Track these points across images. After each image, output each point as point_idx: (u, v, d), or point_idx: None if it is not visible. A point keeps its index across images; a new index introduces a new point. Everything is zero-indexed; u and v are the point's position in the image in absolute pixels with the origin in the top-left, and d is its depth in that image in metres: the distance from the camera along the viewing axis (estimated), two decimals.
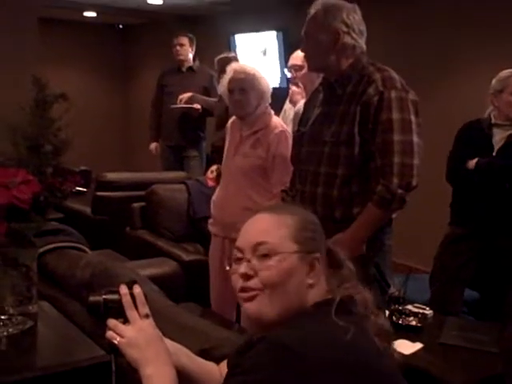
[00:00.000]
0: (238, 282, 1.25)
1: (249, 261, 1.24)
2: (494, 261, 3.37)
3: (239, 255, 1.27)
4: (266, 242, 1.24)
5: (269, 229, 1.26)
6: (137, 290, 1.29)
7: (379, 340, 1.22)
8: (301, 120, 2.73)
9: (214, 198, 3.40)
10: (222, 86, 3.26)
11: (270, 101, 3.25)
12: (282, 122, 3.37)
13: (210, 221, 3.40)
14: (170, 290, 2.56)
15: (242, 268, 1.24)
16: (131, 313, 1.27)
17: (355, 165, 2.36)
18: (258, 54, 6.56)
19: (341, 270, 1.33)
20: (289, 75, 4.01)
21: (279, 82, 6.20)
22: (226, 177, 3.35)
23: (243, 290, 1.24)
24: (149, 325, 1.27)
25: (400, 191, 2.28)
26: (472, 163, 3.28)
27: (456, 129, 3.47)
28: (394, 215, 2.45)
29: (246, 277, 1.23)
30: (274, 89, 5.33)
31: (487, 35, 4.66)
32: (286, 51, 5.84)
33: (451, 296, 3.44)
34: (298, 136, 2.67)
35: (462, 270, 3.42)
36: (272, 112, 3.28)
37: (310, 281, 1.24)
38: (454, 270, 3.41)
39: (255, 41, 6.60)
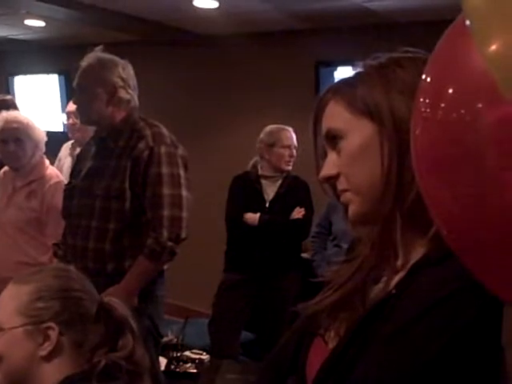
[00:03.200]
0: None
1: None
2: (268, 302, 3.57)
3: None
4: None
5: (3, 304, 1.27)
6: None
7: None
8: (72, 172, 2.70)
9: None
10: None
11: (44, 150, 3.15)
12: (58, 172, 3.28)
13: None
14: None
15: None
16: None
17: (126, 219, 2.38)
18: (39, 96, 6.34)
19: (114, 328, 1.30)
20: (67, 121, 3.92)
21: (61, 126, 6.02)
22: None
23: None
24: None
25: (170, 243, 2.34)
26: (253, 218, 3.45)
27: (228, 179, 3.66)
28: (165, 266, 2.51)
29: None
30: (55, 133, 5.21)
31: (254, 90, 5.00)
32: (68, 95, 5.72)
33: (229, 340, 3.56)
34: (69, 188, 2.62)
35: (239, 315, 3.57)
36: (47, 162, 3.17)
37: (43, 352, 1.23)
38: (231, 315, 3.54)
39: (36, 83, 6.38)
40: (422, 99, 0.53)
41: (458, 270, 0.59)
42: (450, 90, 0.48)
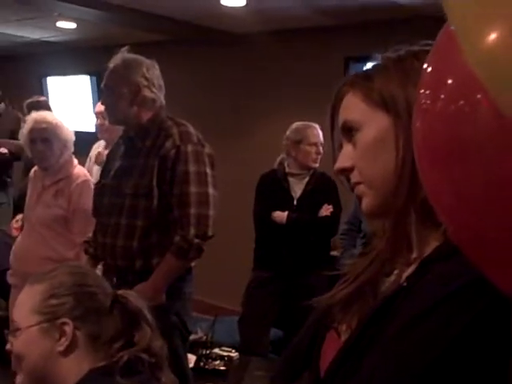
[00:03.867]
0: None
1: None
2: (296, 299, 3.56)
3: None
4: (13, 320, 1.30)
5: (19, 305, 1.32)
6: None
7: None
8: (102, 171, 2.74)
9: (14, 247, 3.27)
10: (23, 136, 3.14)
11: (72, 149, 3.20)
12: (86, 171, 3.33)
13: (10, 271, 3.26)
14: None
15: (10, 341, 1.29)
16: None
17: (154, 216, 2.40)
18: (71, 97, 6.44)
19: (129, 320, 1.32)
20: (96, 122, 3.96)
21: (93, 127, 6.10)
22: (27, 226, 3.24)
23: None
24: None
25: (197, 241, 2.36)
26: (281, 217, 3.45)
27: (255, 177, 3.66)
28: (193, 264, 2.53)
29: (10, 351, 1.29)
30: (87, 133, 5.28)
31: (283, 87, 4.99)
32: (99, 96, 5.80)
33: (258, 338, 3.57)
34: (99, 187, 2.67)
35: (268, 312, 3.58)
36: (75, 161, 3.22)
37: (60, 348, 1.26)
38: (260, 313, 3.55)
39: (68, 84, 6.48)
40: (422, 90, 0.53)
41: (467, 265, 0.59)
42: (449, 81, 0.48)
